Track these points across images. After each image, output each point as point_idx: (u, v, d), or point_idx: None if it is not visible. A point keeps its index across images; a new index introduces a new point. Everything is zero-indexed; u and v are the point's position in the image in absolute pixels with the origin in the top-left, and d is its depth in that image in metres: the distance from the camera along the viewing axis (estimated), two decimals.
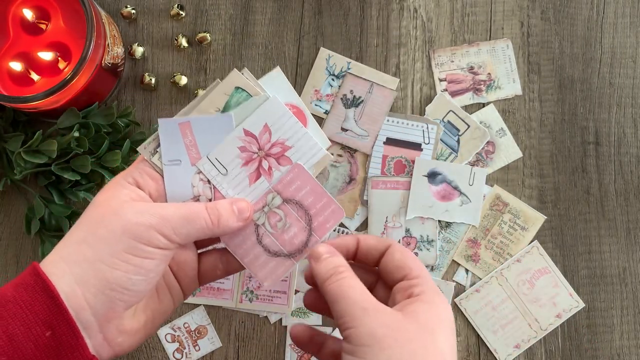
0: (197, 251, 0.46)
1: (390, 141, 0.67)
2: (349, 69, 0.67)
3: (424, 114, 0.67)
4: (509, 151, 0.67)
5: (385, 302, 0.41)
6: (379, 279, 0.44)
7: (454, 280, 0.66)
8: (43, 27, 0.60)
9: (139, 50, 0.66)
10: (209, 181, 0.44)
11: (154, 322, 0.43)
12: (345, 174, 0.67)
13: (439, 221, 0.66)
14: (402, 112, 0.67)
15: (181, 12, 0.67)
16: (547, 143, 0.67)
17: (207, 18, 0.68)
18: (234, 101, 0.44)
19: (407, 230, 0.66)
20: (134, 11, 0.66)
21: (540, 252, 0.66)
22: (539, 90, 0.68)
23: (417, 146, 0.67)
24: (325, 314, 0.44)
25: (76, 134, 0.60)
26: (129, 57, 0.67)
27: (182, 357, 0.65)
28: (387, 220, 0.66)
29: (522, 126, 0.67)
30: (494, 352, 0.65)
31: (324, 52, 0.68)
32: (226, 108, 0.44)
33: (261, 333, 0.66)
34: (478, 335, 0.66)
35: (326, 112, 0.67)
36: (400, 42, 0.68)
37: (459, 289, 0.66)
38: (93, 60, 0.58)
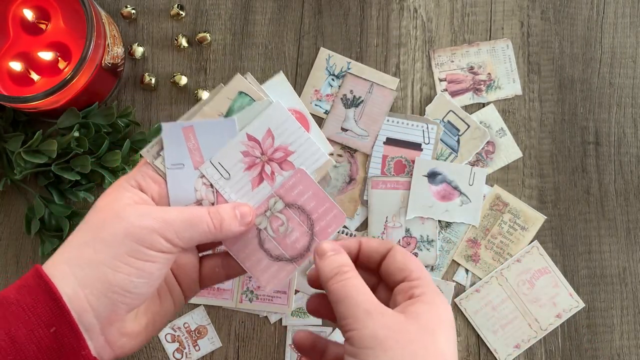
0: (199, 254, 0.46)
1: (390, 141, 0.67)
2: (349, 69, 0.67)
3: (424, 114, 0.67)
4: (509, 151, 0.67)
5: (387, 303, 0.41)
6: (381, 281, 0.44)
7: (454, 280, 0.66)
8: (43, 27, 0.60)
9: (139, 50, 0.66)
10: (211, 185, 0.44)
11: (155, 325, 0.43)
12: (345, 174, 0.66)
13: (439, 221, 0.66)
14: (402, 112, 0.67)
15: (181, 12, 0.67)
16: (547, 143, 0.67)
17: (207, 18, 0.68)
18: (237, 106, 0.44)
19: (407, 230, 0.66)
20: (134, 11, 0.66)
21: (540, 252, 0.66)
22: (539, 90, 0.68)
23: (417, 146, 0.67)
24: (328, 319, 0.44)
25: (76, 134, 0.60)
26: (129, 57, 0.67)
27: (182, 357, 0.65)
28: (387, 220, 0.66)
29: (522, 126, 0.67)
30: (494, 352, 0.65)
31: (324, 52, 0.68)
32: (229, 112, 0.44)
33: (261, 333, 0.66)
34: (478, 335, 0.66)
35: (326, 112, 0.67)
36: (400, 42, 0.68)
37: (459, 289, 0.66)
38: (93, 60, 0.58)
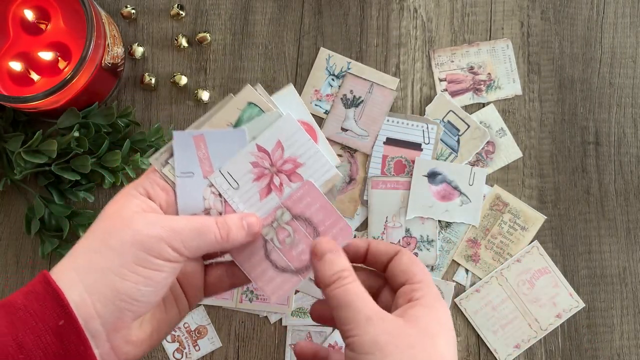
0: (204, 263, 0.46)
1: (390, 141, 0.67)
2: (349, 69, 0.67)
3: (424, 114, 0.67)
4: (509, 151, 0.67)
5: (390, 306, 0.41)
6: (386, 284, 0.45)
7: (454, 280, 0.66)
8: (43, 27, 0.60)
9: (139, 50, 0.66)
10: (220, 194, 0.44)
11: (160, 333, 0.43)
12: (345, 174, 0.66)
13: (439, 221, 0.66)
14: (402, 112, 0.67)
15: (181, 12, 0.67)
16: (547, 143, 0.67)
17: (207, 18, 0.68)
18: (246, 116, 0.45)
19: (407, 230, 0.66)
20: (134, 11, 0.66)
21: (540, 252, 0.66)
22: (539, 90, 0.68)
23: (417, 146, 0.67)
24: (333, 326, 0.45)
25: (76, 134, 0.60)
26: (129, 57, 0.67)
27: (182, 357, 0.65)
28: (387, 220, 0.66)
29: (522, 126, 0.67)
30: (494, 352, 0.65)
31: (324, 52, 0.68)
32: (238, 123, 0.45)
33: (261, 333, 0.66)
34: (478, 335, 0.66)
35: (326, 112, 0.67)
36: (400, 42, 0.68)
37: (459, 289, 0.66)
38: (93, 60, 0.58)
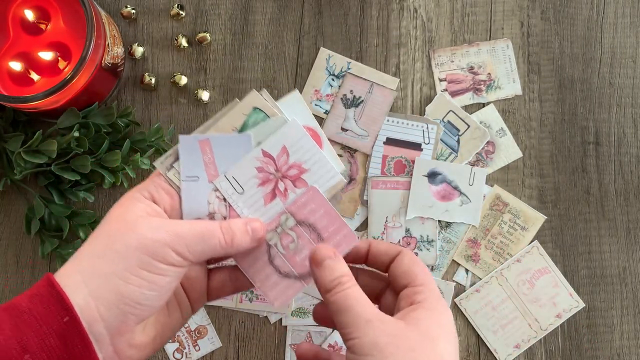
0: (207, 267, 0.46)
1: (390, 141, 0.67)
2: (349, 69, 0.67)
3: (424, 114, 0.67)
4: (509, 151, 0.67)
5: (392, 308, 0.41)
6: (388, 286, 0.45)
7: (454, 280, 0.66)
8: (43, 27, 0.60)
9: (139, 50, 0.66)
10: (224, 199, 0.44)
11: (163, 337, 0.43)
12: (345, 174, 0.66)
13: (439, 221, 0.66)
14: (402, 112, 0.67)
15: (181, 12, 0.67)
16: (547, 143, 0.67)
17: (207, 18, 0.68)
18: (252, 121, 0.45)
19: (407, 230, 0.66)
20: (134, 11, 0.66)
21: (540, 252, 0.66)
22: (539, 90, 0.68)
23: (417, 146, 0.67)
24: (335, 328, 0.45)
25: (76, 134, 0.60)
26: (129, 57, 0.67)
27: (182, 357, 0.65)
28: (387, 220, 0.66)
29: (522, 126, 0.67)
30: (494, 352, 0.65)
31: (324, 52, 0.68)
32: (244, 128, 0.45)
33: (261, 333, 0.66)
34: (478, 335, 0.66)
35: (326, 112, 0.67)
36: (400, 42, 0.68)
37: (459, 289, 0.66)
38: (93, 60, 0.58)
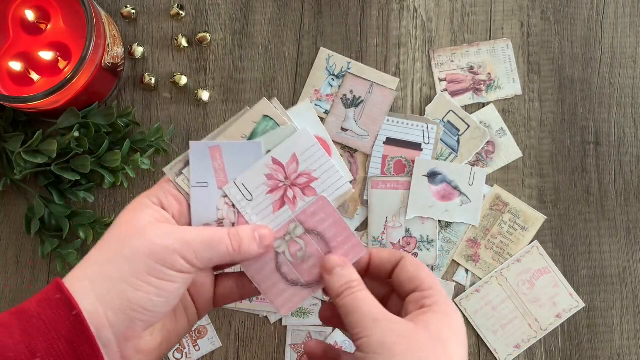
0: (214, 274, 0.46)
1: (390, 141, 0.67)
2: (349, 69, 0.67)
3: (424, 114, 0.67)
4: (509, 151, 0.67)
5: (399, 313, 0.41)
6: (393, 292, 0.45)
7: (454, 280, 0.66)
8: (43, 27, 0.60)
9: (139, 50, 0.66)
10: (233, 205, 0.44)
11: (170, 343, 0.43)
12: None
13: (439, 221, 0.66)
14: (402, 112, 0.67)
15: (181, 12, 0.67)
16: (547, 143, 0.67)
17: (207, 18, 0.68)
18: (261, 129, 0.45)
19: (407, 230, 0.66)
20: (134, 11, 0.66)
21: (540, 252, 0.66)
22: (539, 90, 0.68)
23: (417, 146, 0.67)
24: (341, 328, 0.45)
25: (76, 134, 0.60)
26: (129, 57, 0.67)
27: (182, 357, 0.65)
28: (387, 220, 0.66)
29: (522, 126, 0.67)
30: (494, 352, 0.65)
31: (324, 52, 0.68)
32: (253, 135, 0.45)
33: (261, 333, 0.66)
34: (478, 335, 0.66)
35: (326, 112, 0.67)
36: (400, 42, 0.68)
37: (459, 289, 0.66)
38: (93, 60, 0.58)
